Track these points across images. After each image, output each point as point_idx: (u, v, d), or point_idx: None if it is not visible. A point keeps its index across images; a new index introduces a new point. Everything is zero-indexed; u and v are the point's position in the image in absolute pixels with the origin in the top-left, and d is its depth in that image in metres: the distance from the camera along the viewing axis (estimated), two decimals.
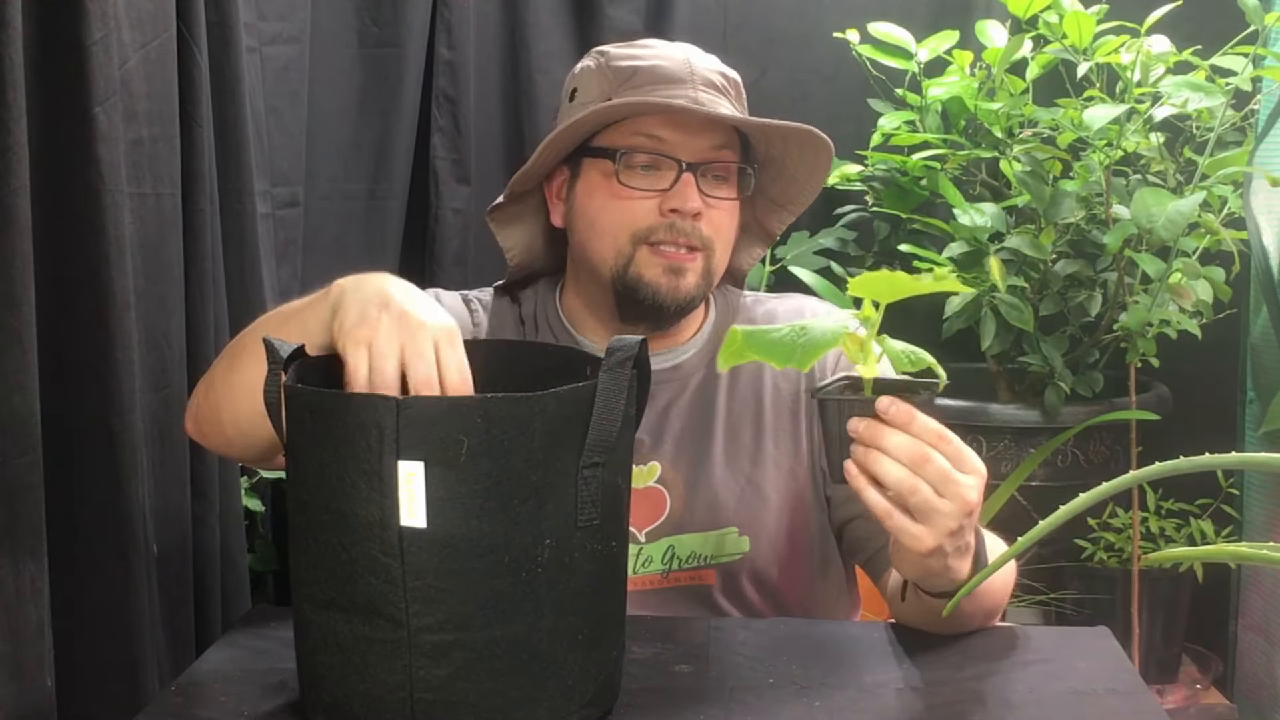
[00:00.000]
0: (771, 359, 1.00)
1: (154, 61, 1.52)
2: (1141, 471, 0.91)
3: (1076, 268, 2.21)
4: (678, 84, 1.35)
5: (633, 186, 1.34)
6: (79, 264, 1.38)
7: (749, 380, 1.42)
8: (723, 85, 1.38)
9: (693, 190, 1.34)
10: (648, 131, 1.34)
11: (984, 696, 1.12)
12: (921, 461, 1.05)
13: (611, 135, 1.36)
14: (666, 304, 1.36)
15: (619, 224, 1.35)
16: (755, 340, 1.02)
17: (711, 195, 1.36)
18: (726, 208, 1.38)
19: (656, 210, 1.34)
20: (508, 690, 0.98)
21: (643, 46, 1.41)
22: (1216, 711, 2.24)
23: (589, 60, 1.42)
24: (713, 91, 1.36)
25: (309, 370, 1.08)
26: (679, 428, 1.40)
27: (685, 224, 1.34)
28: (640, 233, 1.35)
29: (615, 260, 1.36)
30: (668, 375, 1.41)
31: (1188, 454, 0.91)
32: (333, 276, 1.21)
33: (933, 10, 2.46)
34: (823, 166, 1.41)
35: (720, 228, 1.37)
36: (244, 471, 1.86)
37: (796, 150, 1.40)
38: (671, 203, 1.33)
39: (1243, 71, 2.04)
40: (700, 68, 1.37)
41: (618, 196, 1.35)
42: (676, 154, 1.34)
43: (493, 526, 0.96)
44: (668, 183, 1.34)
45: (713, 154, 1.36)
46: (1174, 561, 2.16)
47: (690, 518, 1.38)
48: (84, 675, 1.39)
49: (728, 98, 1.38)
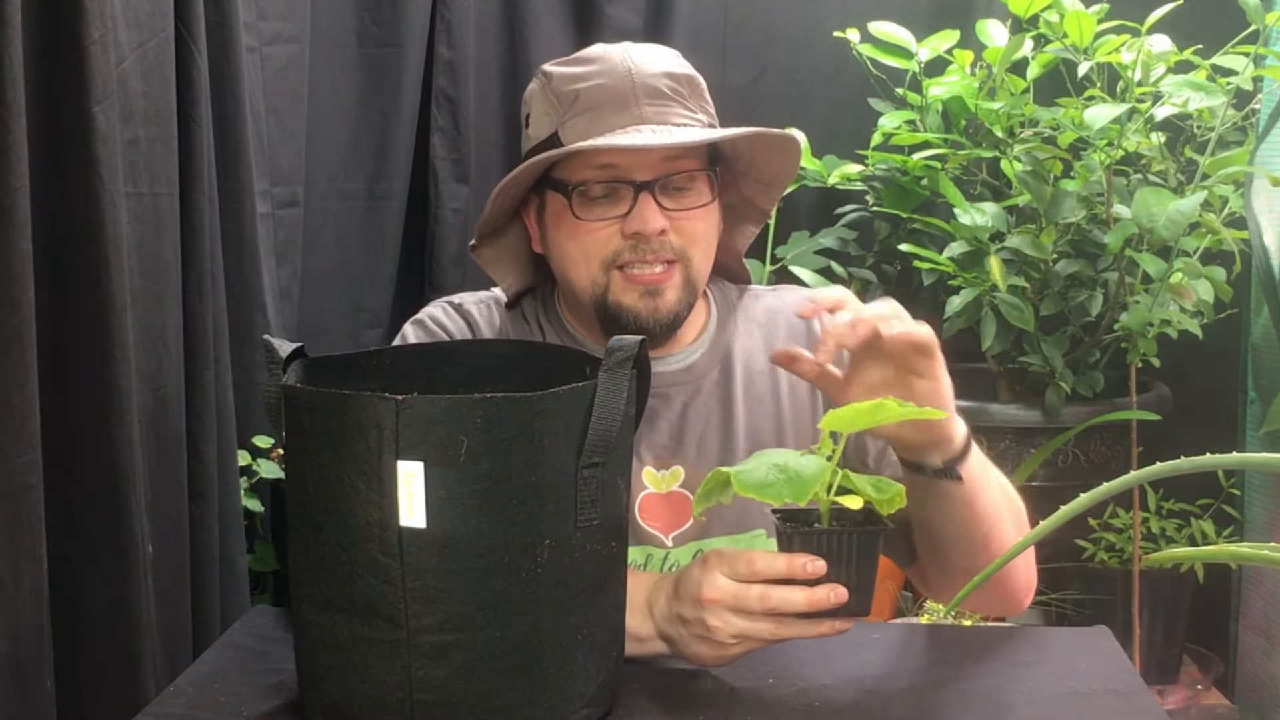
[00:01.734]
0: (764, 498, 1.03)
1: (151, 61, 1.52)
2: (1142, 471, 0.91)
3: (1077, 267, 2.20)
4: (620, 105, 1.31)
5: (590, 219, 1.33)
6: (77, 264, 1.37)
7: (763, 376, 1.42)
8: (671, 90, 1.34)
9: (651, 210, 1.31)
10: (598, 162, 1.32)
11: (984, 696, 1.11)
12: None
13: (565, 167, 1.34)
14: (649, 326, 1.34)
15: (587, 253, 1.34)
16: (743, 481, 1.05)
17: (675, 208, 1.33)
18: (696, 216, 1.35)
19: (619, 234, 1.32)
20: (507, 691, 0.98)
21: (584, 63, 1.36)
22: (1217, 712, 2.24)
23: (535, 82, 1.39)
24: (659, 101, 1.33)
25: (309, 371, 1.08)
26: (699, 430, 1.40)
27: (652, 243, 1.32)
28: (608, 259, 1.33)
29: (592, 289, 1.35)
30: (681, 377, 1.41)
31: (1188, 454, 0.91)
32: (333, 276, 1.21)
33: (933, 10, 2.45)
34: (791, 150, 1.38)
35: (693, 235, 1.35)
36: (243, 471, 1.86)
37: (761, 144, 1.37)
38: (632, 226, 1.31)
39: (1244, 71, 2.03)
40: (643, 78, 1.33)
41: (580, 232, 1.33)
42: (630, 176, 1.32)
43: (492, 527, 0.96)
44: (625, 207, 1.32)
45: (669, 166, 1.33)
46: (1175, 562, 2.15)
47: (717, 521, 1.37)
48: (83, 675, 1.39)
49: (680, 101, 1.34)
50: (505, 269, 1.44)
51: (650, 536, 1.37)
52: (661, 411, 1.39)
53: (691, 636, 1.13)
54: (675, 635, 1.14)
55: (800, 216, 2.50)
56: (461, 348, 1.24)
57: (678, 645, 1.15)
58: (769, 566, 1.08)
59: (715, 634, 1.10)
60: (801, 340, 1.43)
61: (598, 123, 1.31)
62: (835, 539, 1.07)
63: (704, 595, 1.10)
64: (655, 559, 1.37)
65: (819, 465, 1.05)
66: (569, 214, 1.33)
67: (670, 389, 1.40)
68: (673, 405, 1.40)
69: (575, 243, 1.35)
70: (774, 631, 1.10)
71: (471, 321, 1.43)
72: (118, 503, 1.42)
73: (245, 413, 1.84)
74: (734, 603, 1.09)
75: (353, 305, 2.29)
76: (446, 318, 1.43)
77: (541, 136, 1.35)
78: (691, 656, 1.14)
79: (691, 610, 1.12)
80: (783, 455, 1.07)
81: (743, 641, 1.11)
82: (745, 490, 1.04)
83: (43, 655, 1.28)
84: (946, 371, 1.22)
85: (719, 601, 1.10)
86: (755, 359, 1.43)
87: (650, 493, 1.38)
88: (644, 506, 1.37)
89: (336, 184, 2.25)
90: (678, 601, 1.14)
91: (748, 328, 1.45)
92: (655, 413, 1.39)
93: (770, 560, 1.09)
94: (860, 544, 1.08)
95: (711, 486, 1.10)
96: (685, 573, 1.14)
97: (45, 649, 1.29)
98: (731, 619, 1.10)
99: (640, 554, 1.37)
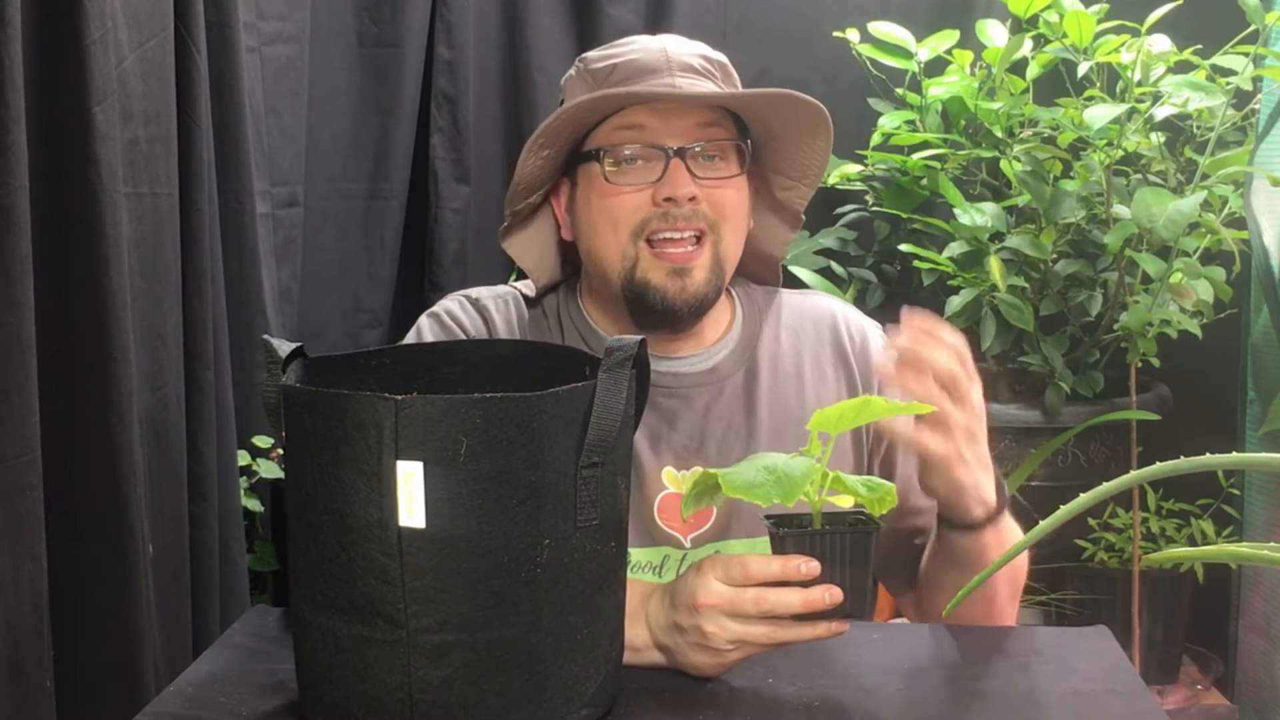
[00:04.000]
0: (752, 498, 1.03)
1: (151, 61, 1.52)
2: (1142, 471, 0.91)
3: (1077, 267, 2.20)
4: (654, 73, 1.34)
5: (622, 183, 1.33)
6: (77, 264, 1.37)
7: (789, 381, 1.41)
8: (704, 68, 1.36)
9: (683, 175, 1.32)
10: (629, 123, 1.33)
11: (984, 696, 1.11)
12: (955, 384, 1.19)
13: (597, 136, 1.35)
14: (676, 306, 1.34)
15: (617, 222, 1.33)
16: (732, 482, 1.05)
17: (707, 176, 1.33)
18: (727, 185, 1.35)
19: (650, 202, 1.32)
20: (507, 691, 0.98)
21: (621, 45, 1.39)
22: (1217, 712, 2.24)
23: (572, 69, 1.41)
24: (692, 75, 1.34)
25: (309, 371, 1.08)
26: (720, 432, 1.39)
27: (683, 209, 1.32)
28: (637, 227, 1.33)
29: (621, 262, 1.34)
30: (704, 378, 1.40)
31: (1188, 454, 0.91)
32: (333, 276, 1.21)
33: (933, 9, 2.45)
34: (822, 129, 1.37)
35: (724, 207, 1.34)
36: (243, 471, 1.86)
37: (790, 117, 1.36)
38: (664, 191, 1.31)
39: (1243, 71, 2.03)
40: (677, 54, 1.35)
41: (610, 195, 1.33)
42: (662, 141, 1.32)
43: (492, 527, 0.95)
44: (657, 173, 1.32)
45: (700, 133, 1.33)
46: (1175, 562, 2.15)
47: (736, 523, 1.37)
48: (83, 675, 1.39)
49: (711, 80, 1.36)
50: (534, 260, 1.44)
51: (669, 537, 1.37)
52: (683, 412, 1.39)
53: (688, 644, 1.12)
54: (672, 644, 1.14)
55: None
56: (462, 347, 1.24)
57: (674, 654, 1.14)
58: (763, 569, 1.08)
59: (712, 640, 1.10)
60: (829, 347, 1.43)
61: (631, 86, 1.33)
62: (828, 540, 1.07)
63: (699, 601, 1.10)
64: (673, 560, 1.36)
65: (807, 466, 1.05)
66: (600, 183, 1.34)
67: (692, 389, 1.39)
68: (695, 406, 1.39)
69: (606, 213, 1.34)
70: (771, 635, 1.10)
71: (488, 317, 1.43)
72: (118, 503, 1.42)
73: (245, 413, 1.84)
74: (729, 607, 1.09)
75: (353, 305, 2.29)
76: (462, 312, 1.43)
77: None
78: (688, 666, 1.13)
79: (687, 617, 1.11)
80: (773, 457, 1.07)
81: (740, 647, 1.11)
82: (733, 491, 1.04)
83: (43, 655, 1.28)
84: (984, 452, 1.24)
85: (714, 606, 1.09)
86: (782, 363, 1.42)
87: (670, 493, 1.37)
88: (663, 506, 1.37)
89: (336, 184, 2.25)
90: (673, 609, 1.13)
91: (775, 331, 1.44)
92: (677, 413, 1.39)
93: (764, 563, 1.08)
94: (853, 544, 1.08)
95: (701, 489, 1.10)
96: (680, 580, 1.14)
97: (45, 649, 1.29)
98: (728, 624, 1.09)
99: (657, 555, 1.36)
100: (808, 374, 1.42)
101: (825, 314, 1.46)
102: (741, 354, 1.42)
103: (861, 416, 1.08)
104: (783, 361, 1.42)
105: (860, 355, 1.44)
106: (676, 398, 1.39)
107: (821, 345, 1.43)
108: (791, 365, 1.42)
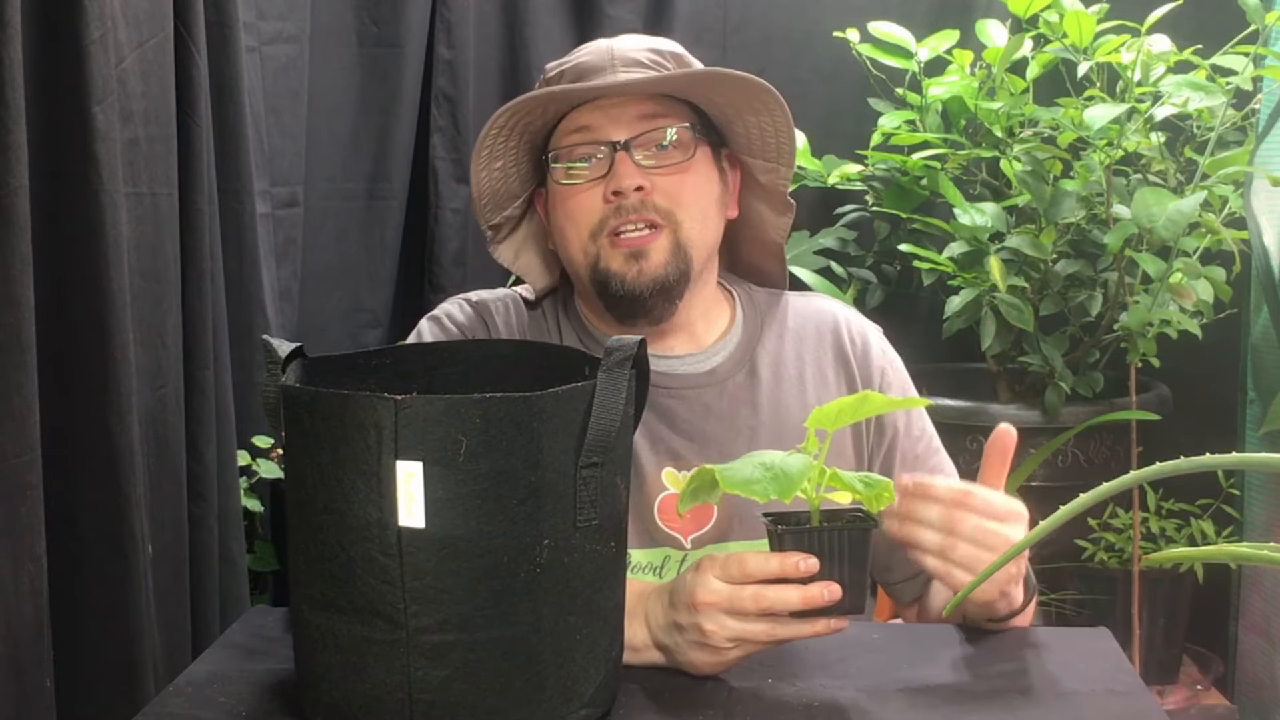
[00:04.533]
0: (749, 494, 1.04)
1: (151, 61, 1.52)
2: (1142, 472, 0.91)
3: (1077, 267, 2.20)
4: (598, 73, 1.35)
5: (573, 182, 1.35)
6: (77, 264, 1.37)
7: (789, 383, 1.41)
8: (651, 60, 1.36)
9: (628, 167, 1.32)
10: (576, 125, 1.35)
11: (984, 697, 1.11)
12: (954, 523, 1.13)
13: (551, 141, 1.38)
14: (636, 290, 1.34)
15: (577, 223, 1.35)
16: (729, 478, 1.05)
17: (657, 165, 1.34)
18: (680, 171, 1.35)
19: (602, 199, 1.33)
20: (506, 691, 0.98)
21: (575, 51, 1.40)
22: (1217, 712, 2.24)
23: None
24: (637, 68, 1.35)
25: (309, 371, 1.08)
26: (720, 433, 1.39)
27: (631, 200, 1.32)
28: (596, 225, 1.34)
29: (584, 258, 1.36)
30: (704, 380, 1.41)
31: (1188, 454, 0.91)
32: (333, 276, 1.21)
33: (933, 9, 2.45)
34: (773, 104, 1.36)
35: (677, 195, 1.34)
36: (243, 471, 1.86)
37: (734, 95, 1.36)
38: (610, 185, 1.33)
39: (1243, 71, 2.03)
40: (622, 50, 1.36)
41: (568, 198, 1.35)
42: (606, 137, 1.34)
43: (491, 527, 0.95)
44: (605, 168, 1.34)
45: (644, 124, 1.34)
46: (1174, 562, 2.15)
47: (736, 525, 1.37)
48: (83, 675, 1.39)
49: (660, 71, 1.36)
50: (526, 266, 1.46)
51: (669, 538, 1.37)
52: (684, 413, 1.39)
53: (688, 643, 1.12)
54: (671, 643, 1.14)
55: (800, 216, 2.46)
56: (462, 347, 1.24)
57: (674, 654, 1.14)
58: (761, 567, 1.08)
59: (711, 638, 1.10)
60: (830, 350, 1.44)
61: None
62: (826, 537, 1.08)
63: (698, 599, 1.10)
64: (673, 560, 1.36)
65: (805, 463, 1.05)
66: (557, 186, 1.36)
67: (693, 390, 1.40)
68: (695, 407, 1.39)
69: (567, 215, 1.36)
70: (770, 632, 1.10)
71: (488, 319, 1.43)
72: (118, 503, 1.42)
73: (245, 413, 1.84)
74: (728, 605, 1.09)
75: (353, 305, 2.29)
76: (462, 314, 1.43)
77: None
78: (688, 665, 1.14)
79: (686, 616, 1.11)
80: (770, 454, 1.07)
81: (739, 645, 1.11)
82: (730, 487, 1.04)
83: (43, 655, 1.28)
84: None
85: (713, 604, 1.09)
86: (783, 365, 1.42)
87: (670, 494, 1.37)
88: (663, 507, 1.37)
89: (336, 184, 2.25)
90: (672, 608, 1.13)
91: (777, 334, 1.45)
92: (677, 414, 1.39)
93: (762, 560, 1.08)
94: (851, 541, 1.08)
95: (698, 485, 1.10)
96: (679, 579, 1.14)
97: (45, 649, 1.29)
98: (727, 622, 1.09)
99: (658, 556, 1.36)
100: (809, 377, 1.42)
101: (827, 317, 1.46)
102: (742, 356, 1.42)
103: (859, 412, 1.08)
104: (784, 364, 1.42)
105: (861, 358, 1.44)
106: (677, 398, 1.39)
107: (823, 349, 1.43)
108: (793, 368, 1.42)
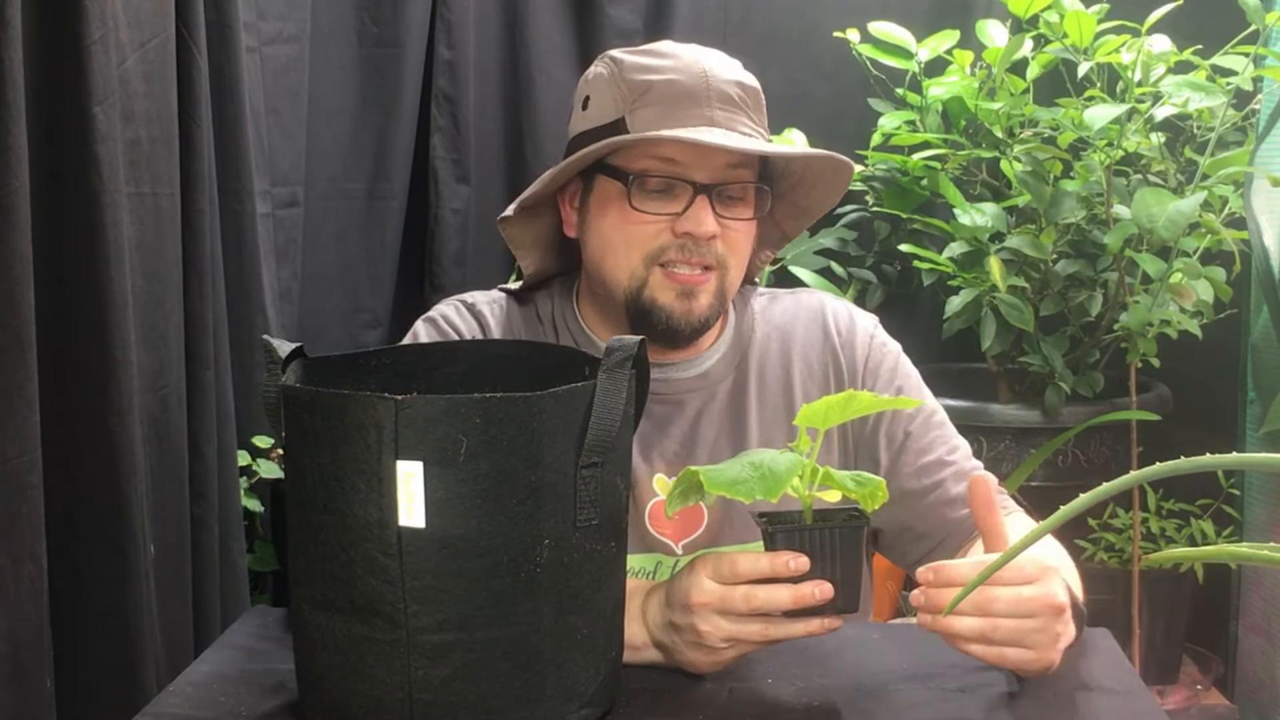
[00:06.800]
0: (736, 494, 1.03)
1: (152, 61, 1.52)
2: (1142, 472, 0.91)
3: (1077, 268, 2.20)
4: (693, 103, 1.31)
5: (645, 210, 1.32)
6: (77, 264, 1.37)
7: (778, 384, 1.41)
8: (740, 99, 1.34)
9: (707, 214, 1.31)
10: (661, 154, 1.31)
11: (984, 696, 1.11)
12: (988, 604, 1.09)
13: (625, 156, 1.33)
14: (680, 327, 1.34)
15: (631, 244, 1.33)
16: (715, 479, 1.05)
17: (726, 216, 1.33)
18: (742, 227, 1.35)
19: (669, 230, 1.32)
20: (506, 691, 0.98)
21: (658, 56, 1.36)
22: (1217, 712, 2.24)
23: (601, 67, 1.38)
24: (729, 108, 1.33)
25: (309, 371, 1.08)
26: (712, 437, 1.39)
27: (700, 246, 1.32)
28: (652, 253, 1.33)
29: (629, 281, 1.34)
30: (695, 384, 1.40)
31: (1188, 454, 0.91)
32: (333, 276, 1.21)
33: (933, 10, 2.45)
34: (843, 179, 1.39)
35: (736, 246, 1.35)
36: (243, 471, 1.86)
37: (817, 166, 1.38)
38: (684, 226, 1.31)
39: (1243, 71, 2.03)
40: (717, 81, 1.33)
41: (632, 221, 1.33)
42: (690, 176, 1.31)
43: (491, 527, 0.96)
44: (681, 205, 1.31)
45: (728, 174, 1.33)
46: (1175, 562, 2.15)
47: (728, 529, 1.37)
48: (83, 675, 1.39)
49: (745, 111, 1.34)
50: (528, 249, 1.44)
51: (660, 544, 1.37)
52: (675, 418, 1.39)
53: (684, 643, 1.13)
54: (669, 643, 1.14)
55: None
56: (462, 347, 1.24)
57: (671, 653, 1.15)
58: (751, 567, 1.09)
59: (706, 639, 1.10)
60: (818, 347, 1.43)
61: (669, 116, 1.31)
62: (818, 536, 1.08)
63: (692, 600, 1.10)
64: (665, 566, 1.37)
65: (793, 461, 1.05)
66: (622, 202, 1.32)
67: (684, 395, 1.39)
68: (686, 412, 1.39)
69: (622, 232, 1.34)
70: (763, 632, 1.10)
71: (483, 321, 1.43)
72: (118, 502, 1.42)
73: (245, 413, 1.84)
74: (720, 605, 1.09)
75: (353, 305, 2.29)
76: (458, 316, 1.43)
77: (604, 121, 1.34)
78: (685, 664, 1.14)
79: (682, 616, 1.12)
80: (759, 453, 1.07)
81: (734, 645, 1.11)
82: (715, 488, 1.04)
83: (43, 655, 1.28)
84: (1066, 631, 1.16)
85: (706, 605, 1.10)
86: (771, 366, 1.42)
87: (661, 500, 1.37)
88: (654, 513, 1.37)
89: (336, 184, 2.25)
90: (669, 608, 1.14)
91: (766, 333, 1.44)
92: (668, 420, 1.39)
93: (752, 560, 1.09)
94: (843, 539, 1.08)
95: (685, 487, 1.10)
96: (675, 579, 1.15)
97: (45, 649, 1.29)
98: (720, 622, 1.10)
99: (650, 561, 1.36)
100: (796, 373, 1.42)
101: (813, 309, 1.46)
102: (733, 358, 1.42)
103: (848, 411, 1.08)
104: (773, 364, 1.42)
105: (846, 343, 1.43)
106: (669, 404, 1.39)
107: (810, 341, 1.43)
108: (781, 367, 1.42)
